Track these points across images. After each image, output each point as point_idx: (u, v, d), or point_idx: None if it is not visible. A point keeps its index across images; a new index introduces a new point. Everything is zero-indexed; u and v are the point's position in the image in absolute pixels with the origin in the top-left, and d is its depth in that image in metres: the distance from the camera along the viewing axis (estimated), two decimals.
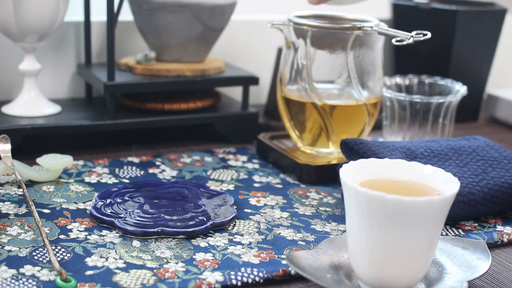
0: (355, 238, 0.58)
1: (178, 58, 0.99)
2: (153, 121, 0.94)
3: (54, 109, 0.94)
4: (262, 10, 1.20)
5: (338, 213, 0.77)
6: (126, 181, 0.82)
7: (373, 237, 0.56)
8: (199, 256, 0.65)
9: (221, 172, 0.87)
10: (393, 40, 0.80)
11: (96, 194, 0.77)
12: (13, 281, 0.59)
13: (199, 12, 0.94)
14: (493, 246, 0.71)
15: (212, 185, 0.82)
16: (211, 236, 0.69)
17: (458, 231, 0.73)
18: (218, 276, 0.61)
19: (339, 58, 0.85)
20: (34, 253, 0.63)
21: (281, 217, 0.75)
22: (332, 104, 0.86)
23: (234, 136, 0.98)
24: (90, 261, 0.63)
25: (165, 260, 0.64)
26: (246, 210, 0.76)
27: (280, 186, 0.84)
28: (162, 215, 0.71)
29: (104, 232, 0.69)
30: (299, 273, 0.59)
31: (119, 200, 0.74)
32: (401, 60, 1.21)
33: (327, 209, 0.78)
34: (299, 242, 0.69)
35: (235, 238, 0.69)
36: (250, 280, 0.61)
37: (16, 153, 0.84)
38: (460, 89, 0.98)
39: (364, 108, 0.87)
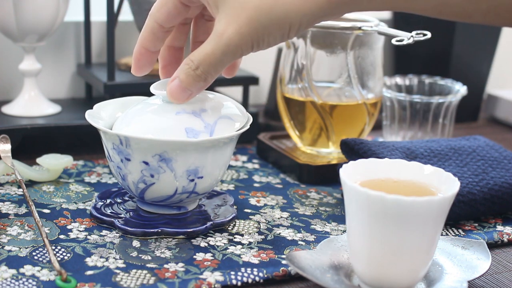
0: (355, 238, 0.58)
1: None
2: None
3: (54, 109, 0.94)
4: None
5: (338, 213, 0.77)
6: None
7: (373, 237, 0.56)
8: (199, 256, 0.65)
9: None
10: (393, 40, 0.80)
11: (96, 194, 0.77)
12: (13, 281, 0.59)
13: None
14: (493, 246, 0.71)
15: None
16: (211, 236, 0.69)
17: (458, 231, 0.73)
18: (218, 276, 0.61)
19: (339, 58, 0.85)
20: (34, 253, 0.63)
21: (281, 217, 0.75)
22: (332, 104, 0.86)
23: None
24: (90, 261, 0.63)
25: (165, 260, 0.63)
26: (246, 210, 0.76)
27: (280, 186, 0.84)
28: (162, 215, 0.71)
29: (104, 232, 0.69)
30: (299, 273, 0.59)
31: (119, 200, 0.74)
32: (401, 60, 1.21)
33: (327, 209, 0.78)
34: (299, 242, 0.69)
35: (235, 238, 0.69)
36: (250, 280, 0.61)
37: (16, 153, 0.84)
38: (460, 89, 0.98)
39: (364, 108, 0.87)
